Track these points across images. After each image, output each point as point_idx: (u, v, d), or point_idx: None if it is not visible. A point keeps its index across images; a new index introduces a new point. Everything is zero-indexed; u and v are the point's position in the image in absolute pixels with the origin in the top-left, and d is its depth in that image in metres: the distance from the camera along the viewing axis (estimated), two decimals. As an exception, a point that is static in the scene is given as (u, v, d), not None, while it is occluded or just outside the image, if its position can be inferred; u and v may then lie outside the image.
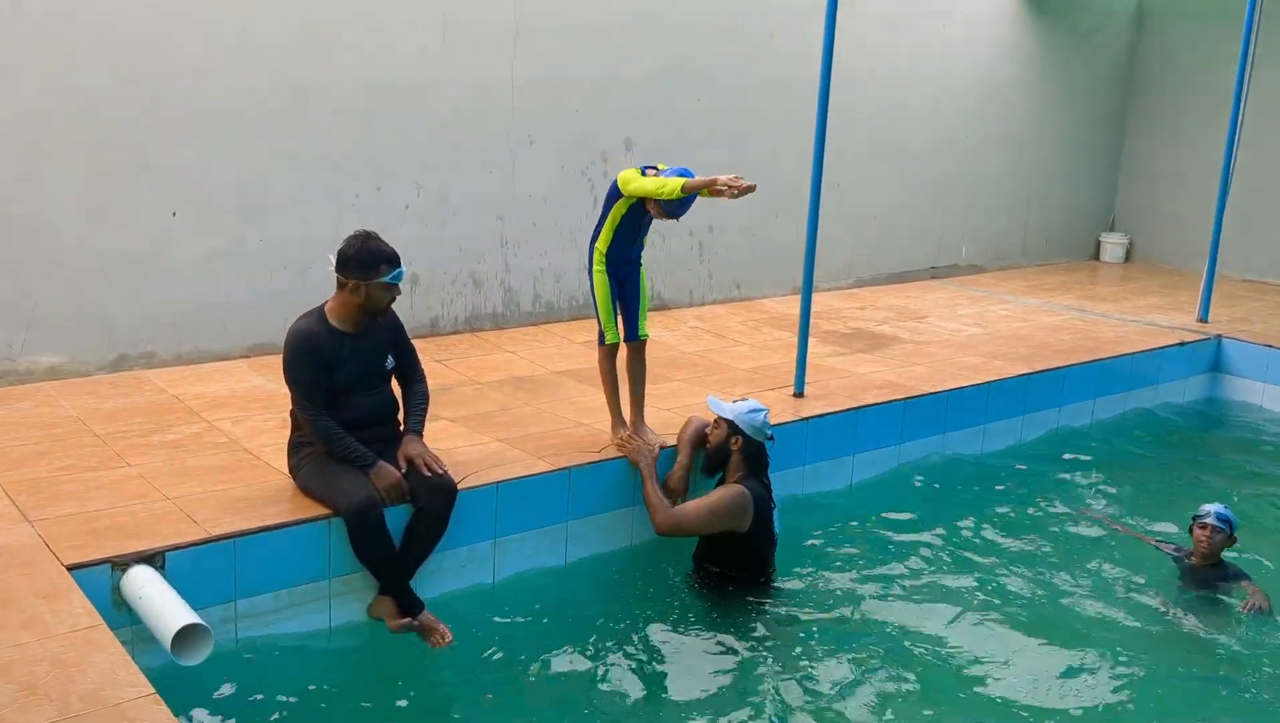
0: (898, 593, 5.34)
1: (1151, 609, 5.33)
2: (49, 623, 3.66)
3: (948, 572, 5.58)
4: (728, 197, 5.04)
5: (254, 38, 6.69)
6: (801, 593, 5.27)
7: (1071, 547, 5.96)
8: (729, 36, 8.90)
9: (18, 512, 4.50)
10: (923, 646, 4.85)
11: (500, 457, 5.39)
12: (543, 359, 7.26)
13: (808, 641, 4.83)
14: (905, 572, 5.55)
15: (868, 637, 4.91)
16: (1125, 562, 5.78)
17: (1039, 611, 5.27)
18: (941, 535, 5.98)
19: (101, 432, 5.50)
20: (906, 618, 5.09)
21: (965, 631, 5.02)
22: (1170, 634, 5.16)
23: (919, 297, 9.97)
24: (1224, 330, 8.94)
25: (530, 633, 4.77)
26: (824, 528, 5.92)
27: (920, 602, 5.27)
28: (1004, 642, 4.94)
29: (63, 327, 6.33)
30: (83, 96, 6.21)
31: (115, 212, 6.41)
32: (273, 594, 4.52)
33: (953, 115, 10.72)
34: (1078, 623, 5.16)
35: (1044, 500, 6.51)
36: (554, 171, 8.14)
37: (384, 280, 4.68)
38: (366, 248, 4.67)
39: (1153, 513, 6.41)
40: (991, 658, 4.80)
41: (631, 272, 5.57)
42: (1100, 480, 6.86)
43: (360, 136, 7.21)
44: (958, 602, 5.28)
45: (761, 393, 6.61)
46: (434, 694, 4.39)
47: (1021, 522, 6.25)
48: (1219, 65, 11.00)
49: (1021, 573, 5.63)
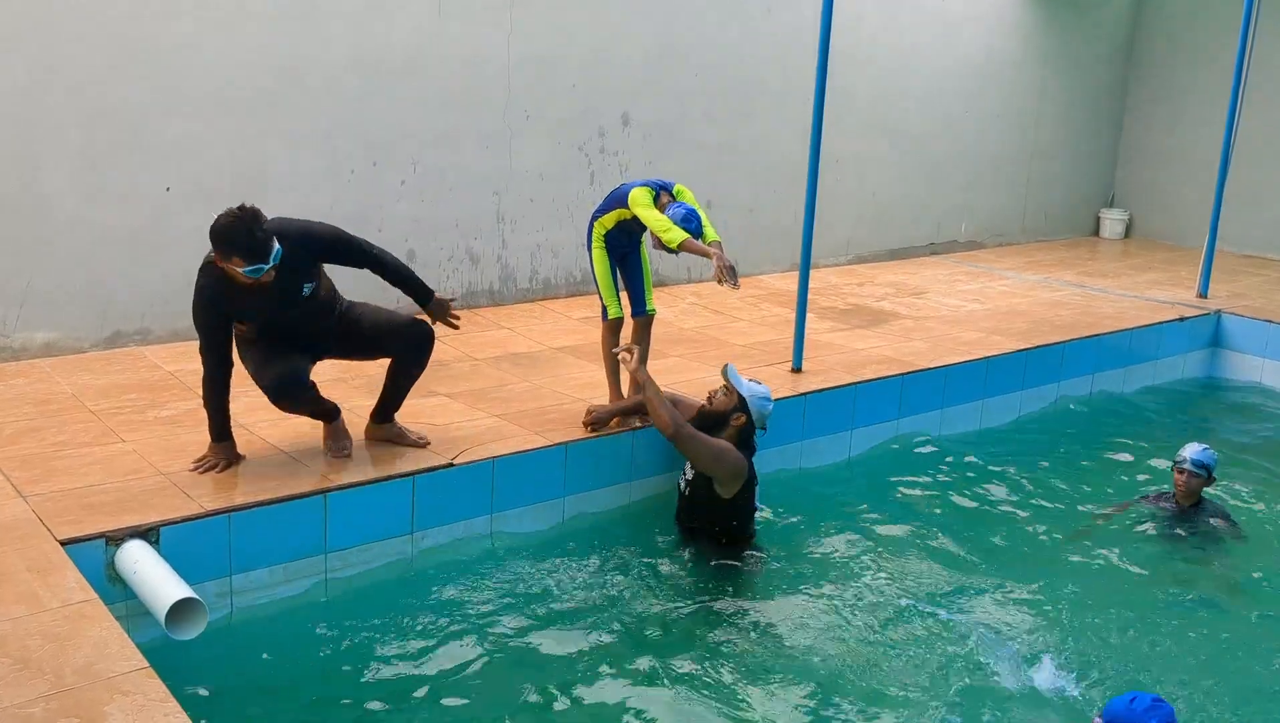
0: (892, 565, 5.33)
1: (1145, 555, 5.56)
2: (43, 598, 3.65)
3: (944, 545, 5.57)
4: (714, 276, 5.13)
5: (247, 13, 6.63)
6: (795, 566, 5.25)
7: (1067, 517, 5.97)
8: (726, 12, 8.83)
9: (12, 487, 4.48)
10: (919, 620, 4.84)
11: (497, 432, 5.37)
12: (540, 335, 7.23)
13: (799, 615, 4.82)
14: (902, 544, 5.53)
15: (862, 607, 4.92)
16: (1120, 524, 5.89)
17: (1034, 574, 5.30)
18: (938, 509, 5.99)
19: (96, 408, 5.48)
20: (903, 589, 5.08)
21: (967, 600, 5.02)
22: (1162, 574, 5.45)
23: (918, 273, 9.93)
24: (1223, 305, 8.91)
25: (527, 606, 4.75)
26: (821, 501, 5.91)
27: (917, 574, 5.26)
28: (1005, 608, 4.96)
29: (57, 303, 6.30)
30: (76, 73, 6.16)
31: (109, 188, 6.37)
32: (268, 569, 4.50)
33: (952, 92, 10.67)
34: (1073, 583, 5.22)
35: (1041, 475, 6.50)
36: (550, 147, 8.09)
37: (240, 270, 4.37)
38: (223, 228, 4.32)
39: (1156, 481, 6.43)
40: (997, 623, 4.82)
41: (632, 249, 5.56)
42: (1099, 453, 6.86)
43: (355, 112, 7.16)
44: (957, 571, 5.29)
45: (760, 368, 6.59)
46: (429, 667, 4.38)
47: (1018, 495, 6.24)
48: (1219, 41, 10.96)
49: (1018, 543, 5.66)
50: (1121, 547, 5.61)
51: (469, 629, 4.56)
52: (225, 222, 4.35)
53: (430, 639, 4.48)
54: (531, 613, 4.69)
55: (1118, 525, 5.89)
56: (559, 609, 4.74)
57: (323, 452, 4.98)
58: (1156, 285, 9.71)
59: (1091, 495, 6.28)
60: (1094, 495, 6.28)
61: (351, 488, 4.70)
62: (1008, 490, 6.28)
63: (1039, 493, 6.28)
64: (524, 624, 4.61)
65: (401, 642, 4.44)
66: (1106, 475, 6.61)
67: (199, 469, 4.71)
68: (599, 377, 5.91)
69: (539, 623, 4.64)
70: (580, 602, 4.80)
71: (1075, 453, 6.90)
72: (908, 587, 5.11)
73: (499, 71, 7.73)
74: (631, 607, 4.80)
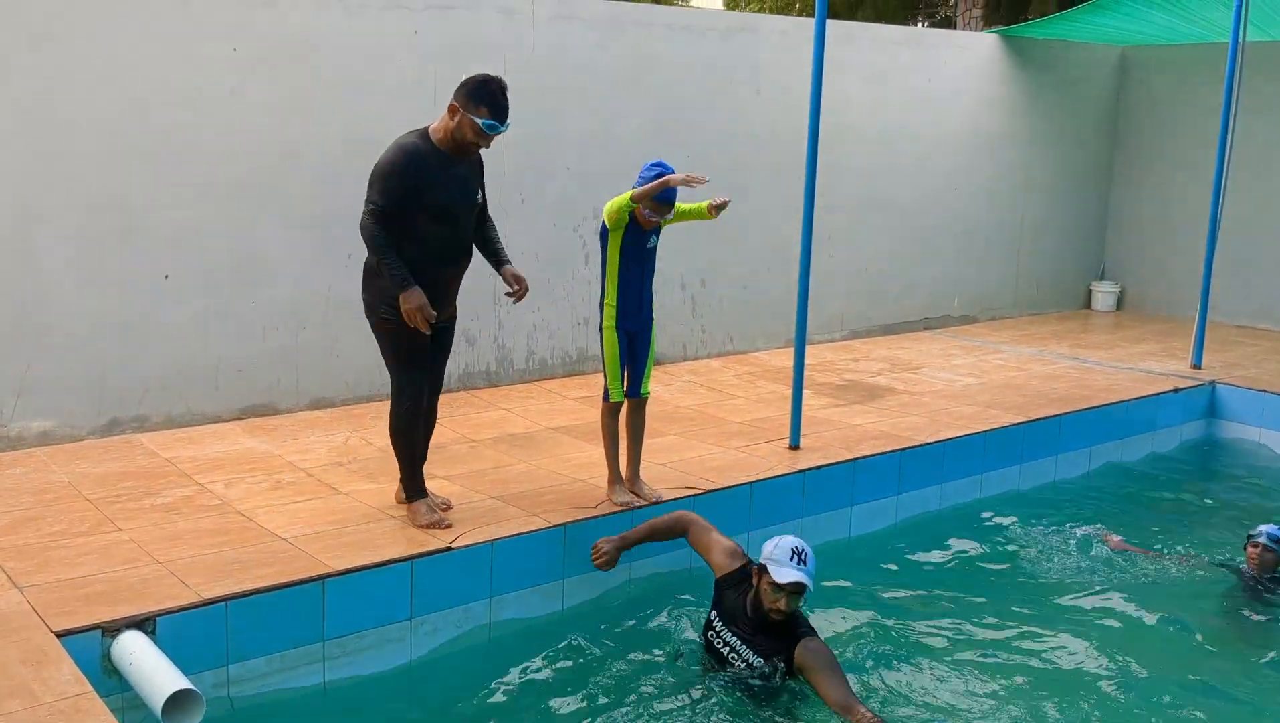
0: (917, 639, 5.26)
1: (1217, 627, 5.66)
2: (37, 692, 3.60)
3: (963, 621, 5.50)
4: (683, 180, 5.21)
5: (243, 100, 6.73)
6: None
7: (1078, 590, 5.93)
8: (717, 92, 8.97)
9: (6, 578, 4.44)
10: (922, 700, 4.78)
11: (495, 514, 5.35)
12: (537, 416, 7.23)
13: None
14: (923, 624, 5.46)
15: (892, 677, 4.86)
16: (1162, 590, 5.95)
17: (1062, 651, 5.24)
18: (949, 585, 5.92)
19: (93, 496, 5.46)
20: (930, 667, 5.00)
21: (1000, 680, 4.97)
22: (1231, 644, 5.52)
23: (912, 347, 9.97)
24: (1218, 376, 8.94)
25: (529, 689, 4.69)
26: (822, 579, 5.85)
27: (946, 647, 5.19)
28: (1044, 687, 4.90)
29: (54, 391, 6.30)
30: (73, 161, 6.23)
31: (107, 276, 6.41)
32: (265, 658, 4.45)
33: (940, 168, 10.80)
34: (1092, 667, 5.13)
35: (1047, 546, 6.46)
36: (546, 228, 8.16)
37: (478, 121, 4.84)
38: (482, 84, 4.86)
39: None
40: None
41: (643, 327, 5.57)
42: (1101, 525, 6.82)
43: (351, 196, 7.17)
44: (979, 647, 5.22)
45: (757, 446, 6.59)
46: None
47: (1030, 568, 6.22)
48: (1202, 114, 11.12)
49: (1034, 612, 5.60)
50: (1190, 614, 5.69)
51: (470, 709, 4.49)
52: (483, 77, 4.91)
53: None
54: (531, 703, 4.63)
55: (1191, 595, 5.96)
56: (563, 693, 4.67)
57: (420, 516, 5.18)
58: (1150, 357, 9.75)
59: (1103, 566, 6.23)
60: (1106, 566, 6.23)
61: (349, 574, 4.66)
62: (1011, 564, 6.25)
63: (1046, 565, 6.24)
64: (528, 709, 4.55)
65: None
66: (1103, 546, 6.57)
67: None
68: (596, 456, 5.90)
69: (544, 705, 4.57)
70: (583, 688, 4.71)
71: (1076, 523, 6.84)
72: (913, 675, 5.00)
73: (493, 154, 7.75)
74: (631, 692, 4.74)
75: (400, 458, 5.23)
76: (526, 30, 7.84)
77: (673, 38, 8.67)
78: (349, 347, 7.26)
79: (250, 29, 6.72)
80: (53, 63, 6.13)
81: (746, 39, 9.12)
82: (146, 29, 6.38)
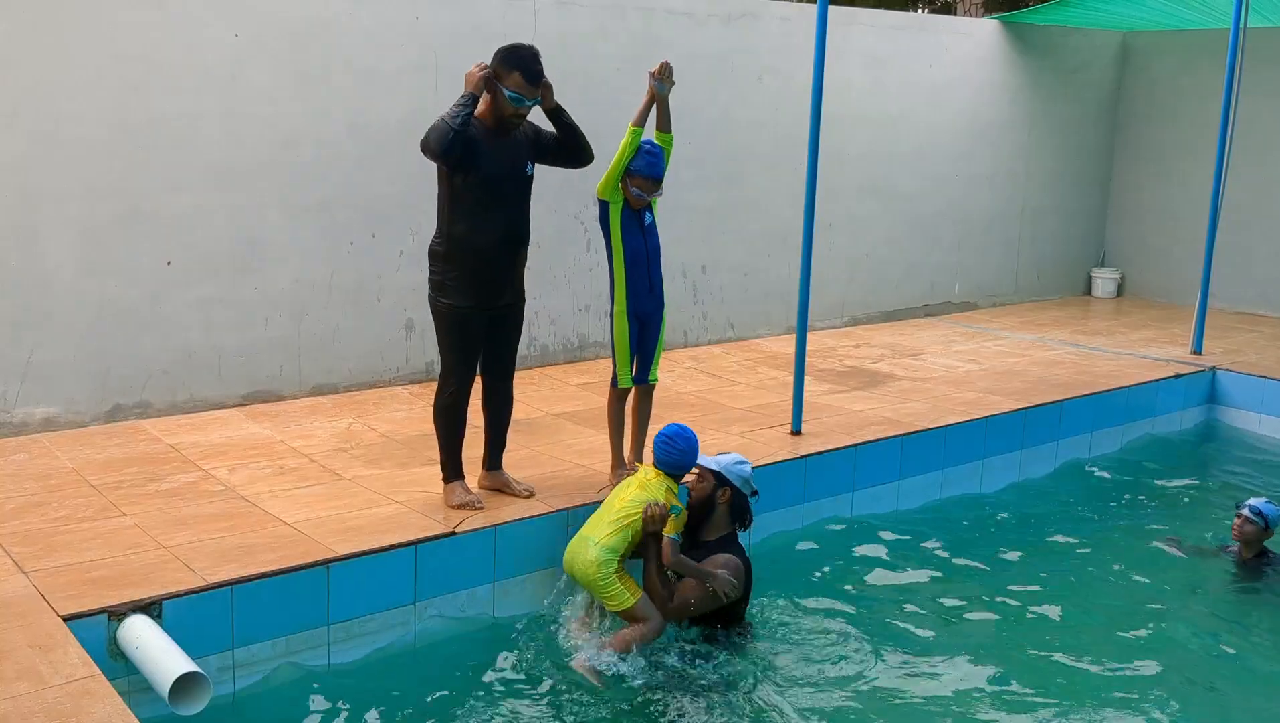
0: (915, 623, 5.31)
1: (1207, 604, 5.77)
2: (45, 674, 3.62)
3: (959, 605, 5.56)
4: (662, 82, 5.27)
5: (245, 85, 6.73)
6: (797, 631, 5.22)
7: (1081, 576, 5.96)
8: (718, 79, 8.97)
9: (13, 563, 4.46)
10: (921, 685, 4.81)
11: (499, 499, 5.37)
12: (539, 402, 7.24)
13: (799, 679, 4.79)
14: (917, 607, 5.51)
15: (883, 663, 4.90)
16: (1162, 573, 6.00)
17: (1054, 629, 5.29)
18: (949, 570, 5.96)
19: (97, 482, 5.47)
20: (924, 652, 5.05)
21: (993, 657, 5.03)
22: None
23: (913, 334, 9.98)
24: (1218, 362, 8.96)
25: (533, 674, 4.72)
26: (824, 564, 5.88)
27: (936, 633, 5.24)
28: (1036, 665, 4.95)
29: (58, 378, 6.31)
30: (75, 148, 6.24)
31: (109, 262, 6.42)
32: (270, 642, 4.47)
33: (941, 154, 10.79)
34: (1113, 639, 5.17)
35: (1045, 531, 6.51)
36: (547, 215, 8.13)
37: (505, 91, 4.86)
38: (512, 50, 4.89)
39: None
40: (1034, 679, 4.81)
41: (655, 311, 5.56)
42: (1101, 510, 6.85)
43: (353, 183, 7.23)
44: (973, 633, 5.27)
45: (759, 431, 6.60)
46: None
47: (1028, 550, 6.26)
48: (1203, 99, 11.12)
49: (1030, 596, 5.64)
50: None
51: (476, 704, 4.51)
52: (518, 45, 4.95)
53: (437, 708, 4.44)
54: (534, 685, 4.65)
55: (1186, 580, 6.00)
56: (566, 679, 4.70)
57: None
58: (1151, 343, 9.76)
59: (1104, 554, 6.26)
60: (1107, 554, 6.26)
61: (353, 558, 4.68)
62: (1015, 550, 6.28)
63: (1052, 552, 6.28)
64: (525, 700, 4.57)
65: (410, 710, 4.40)
66: (1110, 532, 6.60)
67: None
68: (599, 442, 5.92)
69: (537, 697, 4.60)
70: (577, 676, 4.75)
71: (1079, 512, 6.89)
72: (911, 654, 5.05)
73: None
74: (629, 677, 4.77)
75: (440, 438, 5.30)
76: (528, 15, 7.83)
77: (674, 23, 8.66)
78: (351, 333, 7.27)
79: (251, 14, 6.71)
80: (54, 49, 6.12)
81: (748, 25, 9.11)
82: (147, 14, 6.38)
